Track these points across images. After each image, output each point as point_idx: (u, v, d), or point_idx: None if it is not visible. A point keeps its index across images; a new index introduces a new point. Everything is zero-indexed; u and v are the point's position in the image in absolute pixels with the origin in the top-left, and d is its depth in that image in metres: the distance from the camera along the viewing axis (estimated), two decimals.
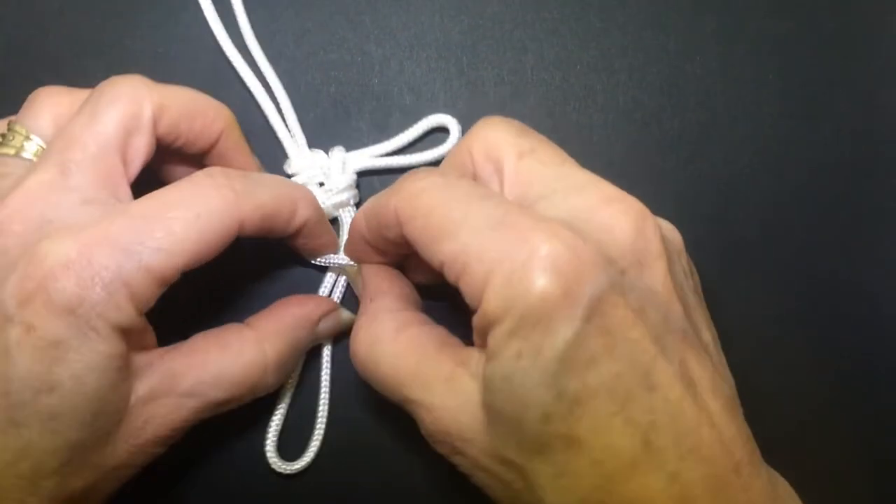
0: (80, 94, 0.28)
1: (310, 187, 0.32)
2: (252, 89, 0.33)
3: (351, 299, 0.32)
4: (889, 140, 0.34)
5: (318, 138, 0.33)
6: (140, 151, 0.27)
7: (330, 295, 0.32)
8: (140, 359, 0.26)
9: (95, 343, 0.24)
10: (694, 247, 0.26)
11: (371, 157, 0.33)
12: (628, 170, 0.33)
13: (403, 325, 0.27)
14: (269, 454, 0.31)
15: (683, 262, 0.25)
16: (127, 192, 0.27)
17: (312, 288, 0.32)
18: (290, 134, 0.33)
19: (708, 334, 0.25)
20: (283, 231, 0.29)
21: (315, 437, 0.32)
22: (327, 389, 0.32)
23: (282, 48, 0.34)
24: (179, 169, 0.31)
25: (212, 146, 0.30)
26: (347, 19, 0.34)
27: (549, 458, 0.22)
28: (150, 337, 0.27)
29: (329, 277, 0.32)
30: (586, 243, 0.22)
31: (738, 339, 0.32)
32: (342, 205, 0.32)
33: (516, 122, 0.27)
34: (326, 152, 0.33)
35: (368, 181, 0.33)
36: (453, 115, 0.33)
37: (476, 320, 0.23)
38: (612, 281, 0.22)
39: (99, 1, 0.34)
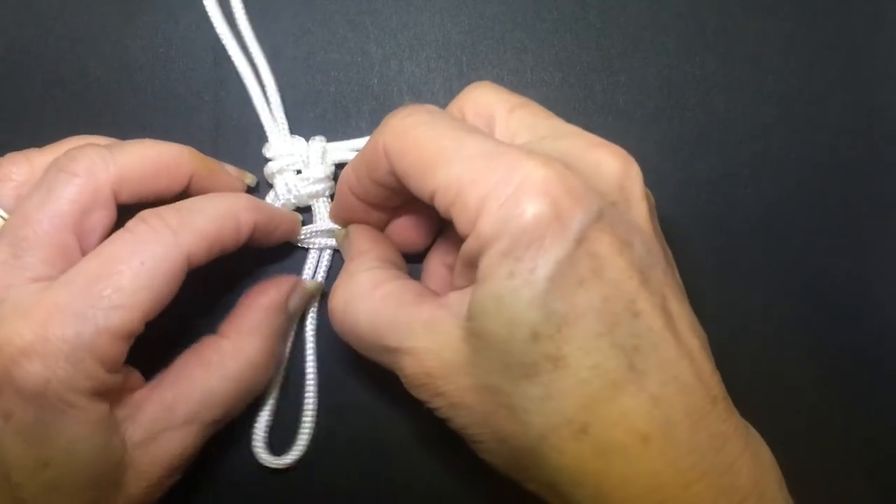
0: (40, 159, 0.28)
1: (287, 174, 0.32)
2: (241, 72, 0.33)
3: (336, 273, 0.32)
4: (889, 140, 0.34)
5: None
6: (98, 225, 0.27)
7: (314, 275, 0.32)
8: (128, 404, 0.27)
9: (75, 415, 0.24)
10: (693, 246, 0.27)
11: (351, 149, 0.33)
12: None
13: (380, 281, 0.27)
14: (257, 449, 0.31)
15: (653, 204, 0.26)
16: None
17: (297, 268, 0.32)
18: (274, 119, 0.33)
19: (678, 279, 0.25)
20: (235, 245, 0.28)
21: (303, 431, 0.32)
22: (314, 382, 0.32)
23: (282, 48, 0.34)
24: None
25: (183, 190, 0.29)
26: (347, 19, 0.34)
27: (535, 379, 0.23)
28: (135, 377, 0.27)
29: (311, 257, 0.32)
30: (578, 175, 0.23)
31: (737, 339, 0.33)
32: (317, 195, 0.32)
33: (502, 87, 0.28)
34: (307, 140, 0.33)
35: None
36: None
37: (467, 246, 0.23)
38: (601, 210, 0.23)
39: (99, 1, 0.34)
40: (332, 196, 0.33)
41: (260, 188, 0.33)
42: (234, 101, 0.34)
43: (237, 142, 0.33)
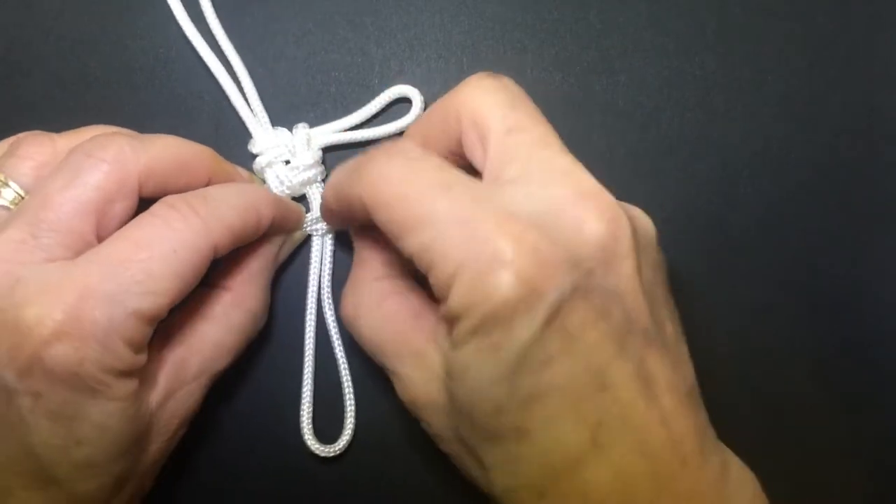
0: (63, 142, 0.28)
1: (276, 166, 0.32)
2: (213, 70, 0.33)
3: (342, 260, 0.33)
4: (889, 140, 0.34)
5: None
6: (119, 215, 0.27)
7: (321, 259, 0.33)
8: (148, 371, 0.27)
9: (106, 394, 0.24)
10: (693, 246, 0.27)
11: (335, 131, 0.33)
12: (628, 170, 0.33)
13: (383, 295, 0.27)
14: (307, 439, 0.31)
15: (653, 254, 0.25)
16: None
17: (304, 255, 0.33)
18: (253, 112, 0.33)
19: (671, 327, 0.25)
20: (254, 237, 0.29)
21: (348, 418, 0.32)
22: (347, 370, 0.32)
23: (282, 48, 0.34)
24: None
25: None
26: (347, 19, 0.34)
27: (499, 445, 0.23)
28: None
29: (315, 242, 0.33)
30: (552, 245, 0.22)
31: (736, 339, 0.33)
32: (309, 182, 0.32)
33: (508, 87, 0.26)
34: (290, 130, 0.33)
35: (335, 156, 0.34)
36: None
37: (442, 312, 0.23)
38: (575, 284, 0.22)
39: (99, 1, 0.34)
40: (324, 181, 0.33)
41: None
42: (234, 100, 0.34)
43: (237, 142, 0.33)
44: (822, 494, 0.26)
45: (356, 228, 0.30)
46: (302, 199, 0.33)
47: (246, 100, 0.33)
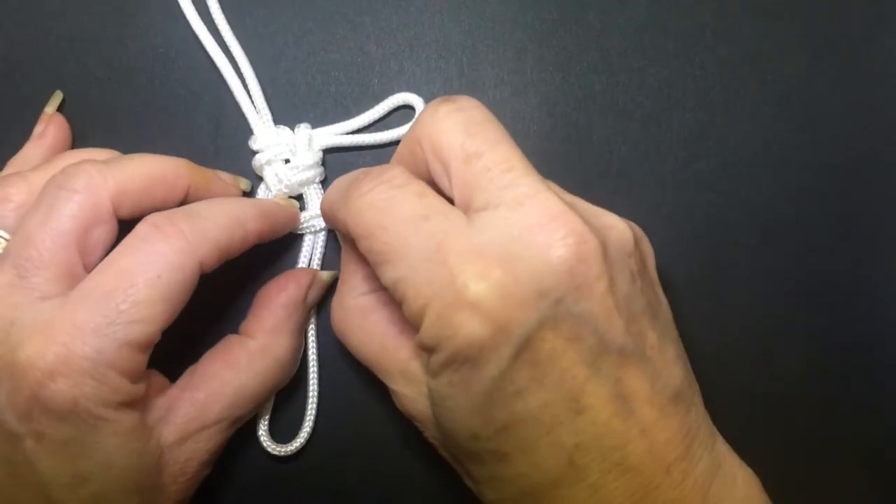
0: (37, 179, 0.28)
1: (275, 164, 0.32)
2: (218, 65, 0.33)
3: (332, 258, 0.33)
4: (889, 140, 0.34)
5: None
6: (101, 241, 0.27)
7: (310, 259, 0.33)
8: (160, 407, 0.27)
9: (107, 427, 0.25)
10: (693, 246, 0.26)
11: (337, 134, 0.33)
12: (628, 170, 0.33)
13: (368, 310, 0.28)
14: (262, 437, 0.31)
15: (632, 263, 0.24)
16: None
17: (291, 253, 0.33)
18: (256, 110, 0.33)
19: (653, 335, 0.24)
20: (240, 252, 0.28)
21: (307, 418, 0.32)
22: (315, 369, 0.32)
23: (282, 48, 0.34)
24: None
25: (181, 201, 0.29)
26: (347, 19, 0.34)
27: (480, 465, 0.24)
28: (157, 379, 0.28)
29: (307, 242, 0.33)
30: (518, 280, 0.22)
31: (736, 339, 0.33)
32: (307, 182, 0.33)
33: (466, 112, 0.25)
34: (292, 129, 0.33)
35: (334, 158, 0.34)
36: None
37: (416, 342, 0.24)
38: (542, 317, 0.22)
39: (99, 1, 0.34)
40: (322, 182, 0.33)
41: (256, 177, 0.33)
42: (234, 101, 0.34)
43: (237, 142, 0.33)
44: (822, 494, 0.26)
45: (344, 238, 0.30)
46: (299, 198, 0.33)
47: (249, 96, 0.33)
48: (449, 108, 0.25)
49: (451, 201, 0.25)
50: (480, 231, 0.23)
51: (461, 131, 0.25)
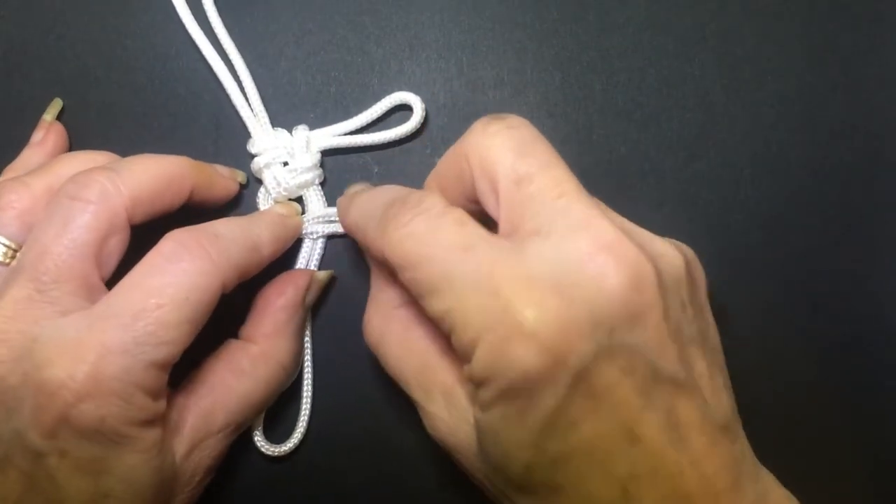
0: (38, 184, 0.28)
1: (274, 167, 0.32)
2: (215, 69, 0.33)
3: (329, 260, 0.33)
4: (889, 140, 0.34)
5: None
6: (116, 250, 0.27)
7: (308, 263, 0.32)
8: (172, 418, 0.27)
9: (130, 445, 0.25)
10: (693, 246, 0.26)
11: (335, 135, 0.33)
12: (628, 170, 0.33)
13: (410, 324, 0.27)
14: (256, 437, 0.31)
15: (683, 292, 0.24)
16: (103, 291, 0.26)
17: (289, 256, 0.32)
18: (253, 113, 0.33)
19: (703, 364, 0.24)
20: (252, 275, 0.29)
21: (301, 419, 0.32)
22: (310, 369, 0.32)
23: (282, 48, 0.34)
24: None
25: (186, 202, 0.29)
26: (347, 19, 0.34)
27: (531, 497, 0.23)
28: (167, 391, 0.27)
29: (306, 246, 0.33)
30: (573, 309, 0.22)
31: (736, 340, 0.33)
32: (307, 185, 0.32)
33: (518, 132, 0.25)
34: (290, 131, 0.33)
35: (333, 160, 0.34)
36: (454, 115, 0.33)
37: (466, 373, 0.23)
38: (598, 347, 0.22)
39: (99, 1, 0.34)
40: (322, 184, 0.33)
41: (250, 185, 0.33)
42: (234, 102, 0.34)
43: (237, 142, 0.33)
44: (822, 493, 0.26)
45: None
46: (299, 200, 0.33)
47: (247, 99, 0.33)
48: (500, 125, 0.25)
49: (491, 222, 0.25)
50: (532, 259, 0.22)
51: (512, 150, 0.24)
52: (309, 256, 0.33)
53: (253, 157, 0.33)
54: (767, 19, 0.34)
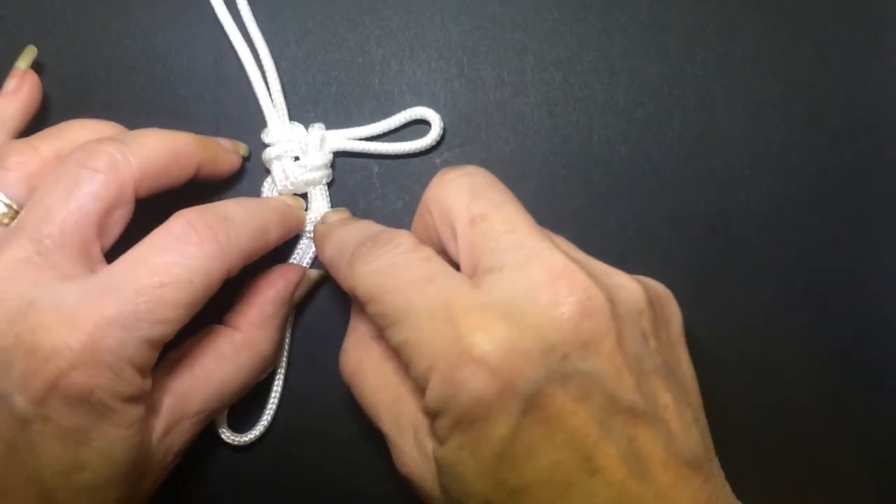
0: (46, 148, 0.28)
1: (285, 160, 0.32)
2: (240, 55, 0.33)
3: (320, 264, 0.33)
4: (889, 140, 0.34)
5: None
6: (119, 221, 0.27)
7: (300, 260, 0.32)
8: (153, 400, 0.27)
9: (114, 419, 0.25)
10: (693, 246, 0.26)
11: (350, 138, 0.33)
12: (628, 170, 0.33)
13: (384, 356, 0.27)
14: (219, 426, 0.32)
15: (644, 322, 0.24)
16: (101, 262, 0.26)
17: (282, 251, 0.32)
18: (273, 103, 0.33)
19: (667, 397, 0.24)
20: (257, 258, 0.29)
21: (268, 409, 0.32)
22: (284, 362, 0.32)
23: (282, 48, 0.34)
24: None
25: (192, 178, 0.29)
26: (347, 19, 0.34)
27: None
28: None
29: (302, 243, 0.33)
30: (523, 336, 0.22)
31: (736, 340, 0.33)
32: (314, 182, 0.32)
33: (472, 176, 0.26)
34: (306, 127, 0.33)
35: (342, 161, 0.34)
36: (454, 115, 0.33)
37: (422, 406, 0.23)
38: (550, 372, 0.22)
39: (99, 1, 0.34)
40: (329, 184, 0.33)
41: (258, 174, 0.33)
42: (234, 100, 0.34)
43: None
44: (822, 493, 0.26)
45: None
46: (303, 197, 0.33)
47: (268, 89, 0.33)
48: (455, 173, 0.26)
49: (458, 267, 0.25)
50: (486, 292, 0.23)
51: (466, 194, 0.25)
52: (303, 254, 0.33)
53: (266, 147, 0.33)
54: (768, 19, 0.34)
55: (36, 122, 0.33)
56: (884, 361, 0.33)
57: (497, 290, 0.23)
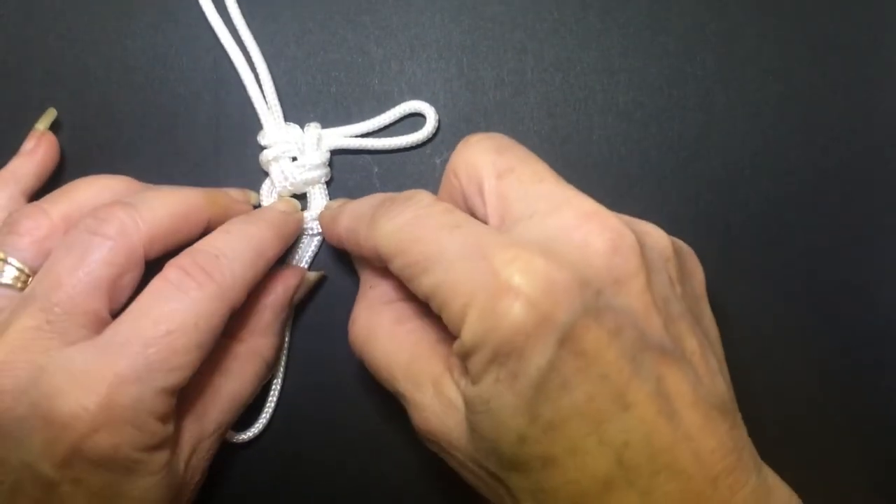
0: (56, 211, 0.28)
1: (282, 161, 0.32)
2: (232, 57, 0.33)
3: (323, 258, 0.33)
4: (889, 140, 0.34)
5: None
6: (129, 285, 0.27)
7: (301, 259, 0.33)
8: (174, 436, 0.27)
9: (143, 469, 0.25)
10: (693, 246, 0.26)
11: (346, 136, 0.33)
12: (628, 170, 0.33)
13: (401, 318, 0.27)
14: None
15: (671, 269, 0.25)
16: (109, 323, 0.26)
17: None
18: (268, 105, 0.33)
19: (693, 341, 0.24)
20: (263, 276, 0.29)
21: (267, 407, 0.32)
22: (283, 362, 0.33)
23: (282, 48, 0.34)
24: None
25: (201, 235, 0.29)
26: (347, 19, 0.34)
27: (526, 474, 0.23)
28: None
29: (303, 243, 0.33)
30: (560, 269, 0.22)
31: (736, 341, 0.33)
32: (313, 182, 0.33)
33: (496, 138, 0.26)
34: (302, 127, 0.33)
35: (340, 160, 0.34)
36: (454, 115, 0.33)
37: (456, 348, 0.23)
38: (586, 305, 0.22)
39: (99, 1, 0.34)
40: (327, 183, 0.33)
41: (256, 175, 0.33)
42: (234, 101, 0.34)
43: (237, 142, 0.33)
44: (822, 494, 0.26)
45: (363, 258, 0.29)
46: (302, 197, 0.33)
47: (262, 91, 0.33)
48: (479, 136, 0.26)
49: None
50: (517, 234, 0.24)
51: (492, 152, 0.25)
52: (302, 254, 0.33)
53: (262, 149, 0.33)
54: (768, 19, 0.34)
55: (34, 123, 0.33)
56: (884, 361, 0.33)
57: (529, 233, 0.23)
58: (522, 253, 0.22)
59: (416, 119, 0.33)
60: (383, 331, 0.28)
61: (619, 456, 0.22)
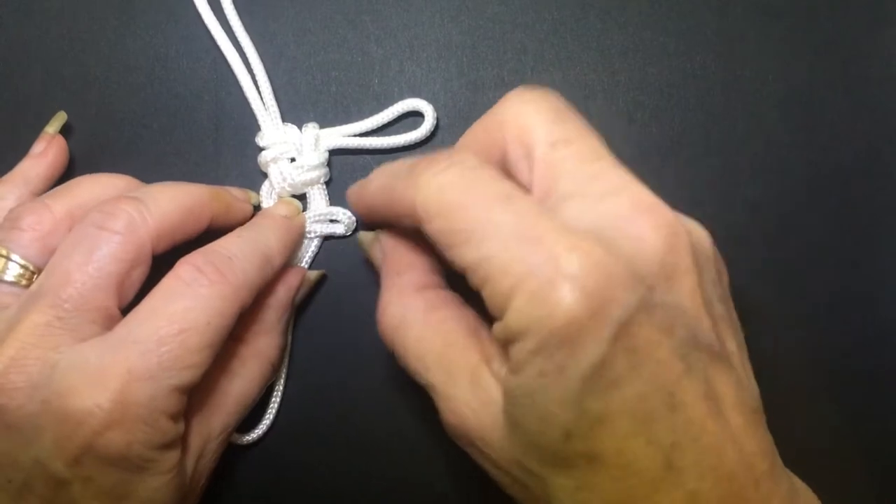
0: (59, 207, 0.28)
1: (280, 162, 0.32)
2: (229, 60, 0.33)
3: (323, 259, 0.33)
4: (889, 140, 0.34)
5: None
6: (137, 280, 0.27)
7: (302, 261, 0.33)
8: (183, 437, 0.27)
9: (153, 468, 0.25)
10: None
11: (344, 135, 0.33)
12: (628, 170, 0.33)
13: (433, 305, 0.26)
14: None
15: (712, 269, 0.24)
16: (119, 319, 0.26)
17: None
18: (265, 106, 0.33)
19: (734, 343, 0.24)
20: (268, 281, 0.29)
21: (270, 409, 0.32)
22: (286, 362, 0.32)
23: (282, 48, 0.34)
24: None
25: (205, 230, 0.29)
26: (347, 19, 0.34)
27: (569, 472, 0.22)
28: None
29: (304, 244, 0.33)
30: (616, 260, 0.21)
31: None
32: (312, 182, 0.32)
33: (553, 101, 0.25)
34: (300, 128, 0.33)
35: (339, 160, 0.34)
36: (454, 115, 0.33)
37: (497, 330, 0.22)
38: (640, 300, 0.21)
39: (99, 1, 0.34)
40: (326, 183, 0.33)
41: (256, 175, 0.33)
42: (234, 101, 0.34)
43: (237, 142, 0.33)
44: (822, 494, 0.26)
45: (390, 234, 0.29)
46: (302, 197, 0.33)
47: (259, 92, 0.33)
48: (536, 94, 0.25)
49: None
50: (569, 216, 0.22)
51: (550, 118, 0.24)
52: (303, 254, 0.33)
53: (260, 150, 0.33)
54: (768, 19, 0.34)
55: (34, 123, 0.33)
56: (884, 362, 0.33)
57: (580, 216, 0.22)
58: (582, 242, 0.21)
59: (415, 119, 0.33)
60: (416, 318, 0.26)
61: (667, 456, 0.21)
